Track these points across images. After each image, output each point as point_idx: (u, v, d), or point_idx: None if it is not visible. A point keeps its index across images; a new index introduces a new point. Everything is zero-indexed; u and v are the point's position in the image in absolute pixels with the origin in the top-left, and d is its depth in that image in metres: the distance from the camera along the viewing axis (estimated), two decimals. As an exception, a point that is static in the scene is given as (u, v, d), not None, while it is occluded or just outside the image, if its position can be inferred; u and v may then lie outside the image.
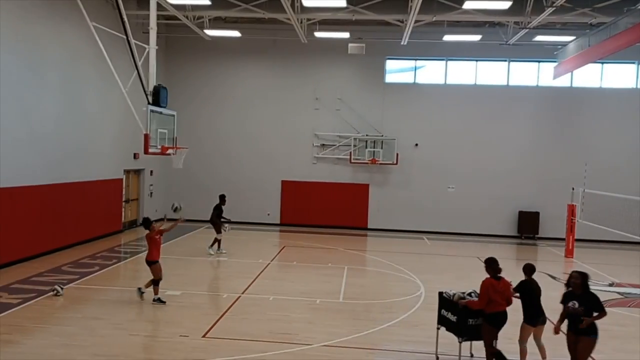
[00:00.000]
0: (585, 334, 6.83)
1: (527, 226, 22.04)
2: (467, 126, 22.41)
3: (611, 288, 13.75)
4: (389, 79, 22.99)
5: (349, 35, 20.46)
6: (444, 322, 8.25)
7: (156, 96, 11.73)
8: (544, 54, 21.16)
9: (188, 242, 18.14)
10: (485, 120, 22.38)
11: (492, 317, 7.39)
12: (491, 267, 7.52)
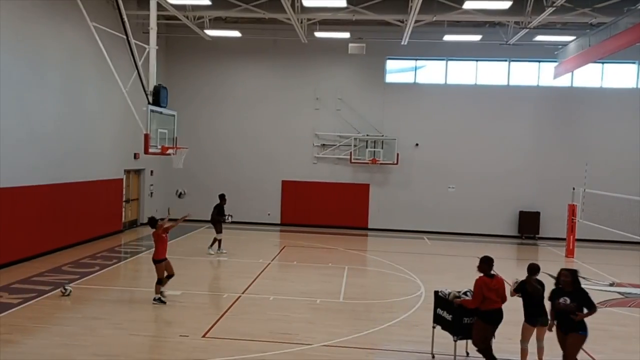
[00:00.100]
0: (574, 331, 6.80)
1: (527, 226, 22.02)
2: (467, 126, 22.40)
3: (611, 288, 13.75)
4: (389, 79, 22.98)
5: (349, 35, 20.46)
6: (439, 321, 8.27)
7: (156, 96, 11.74)
8: (544, 54, 21.15)
9: (188, 242, 18.15)
10: (485, 120, 22.37)
11: (487, 315, 7.42)
12: (484, 264, 7.58)
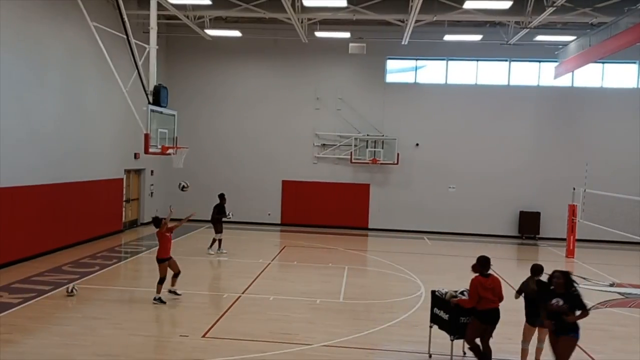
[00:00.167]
0: (566, 334, 6.73)
1: (528, 226, 22.01)
2: (468, 126, 22.39)
3: (612, 288, 13.73)
4: (390, 78, 22.96)
5: (349, 35, 20.46)
6: (436, 320, 8.29)
7: (156, 96, 11.73)
8: (544, 54, 21.14)
9: (189, 242, 18.15)
10: (486, 120, 22.36)
11: (483, 314, 7.44)
12: (478, 264, 7.64)
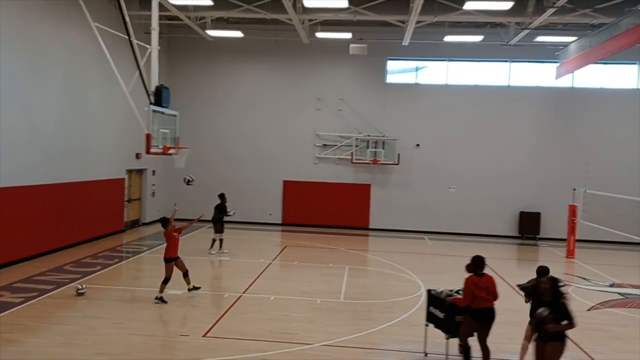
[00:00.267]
0: (554, 340, 6.64)
1: (528, 227, 22.02)
2: (468, 127, 22.41)
3: (612, 289, 13.76)
4: (391, 79, 22.99)
5: (350, 35, 20.50)
6: (432, 319, 8.34)
7: (158, 96, 11.74)
8: (545, 55, 21.15)
9: (189, 242, 18.17)
10: (486, 120, 22.37)
11: (477, 313, 7.48)
12: (471, 264, 7.69)
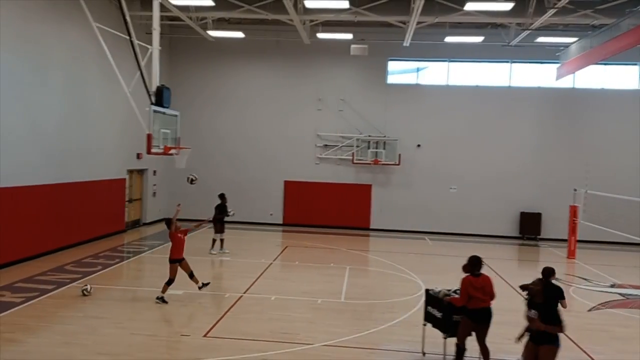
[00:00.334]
0: (547, 343, 6.59)
1: (529, 227, 22.01)
2: (469, 127, 22.41)
3: (612, 289, 13.75)
4: (391, 80, 22.99)
5: (351, 36, 20.52)
6: (430, 318, 8.36)
7: (159, 96, 11.74)
8: (546, 56, 21.15)
9: (190, 241, 18.01)
10: (487, 121, 22.36)
11: (474, 313, 7.51)
12: (468, 264, 7.69)
